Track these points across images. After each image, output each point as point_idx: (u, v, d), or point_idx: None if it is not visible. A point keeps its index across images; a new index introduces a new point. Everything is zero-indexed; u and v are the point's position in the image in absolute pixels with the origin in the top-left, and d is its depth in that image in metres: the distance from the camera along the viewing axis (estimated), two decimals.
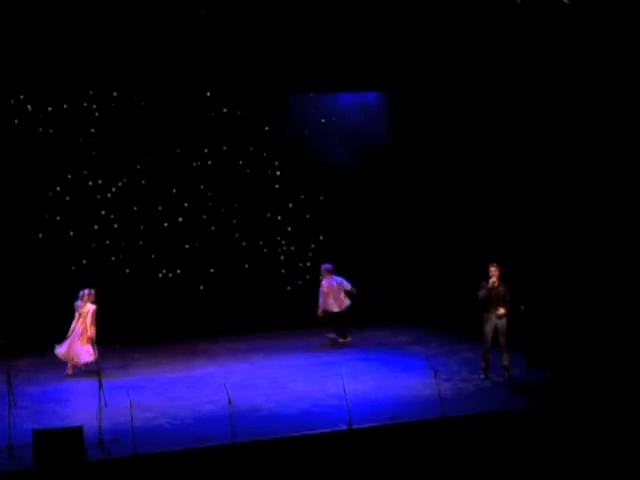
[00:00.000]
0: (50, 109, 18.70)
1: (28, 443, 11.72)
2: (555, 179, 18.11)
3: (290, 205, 20.51)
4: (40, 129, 18.66)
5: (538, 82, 18.03)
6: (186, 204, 19.76)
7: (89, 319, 16.10)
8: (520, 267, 17.65)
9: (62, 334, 18.20)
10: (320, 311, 18.33)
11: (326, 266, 18.49)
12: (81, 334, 16.13)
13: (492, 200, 19.43)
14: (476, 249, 18.86)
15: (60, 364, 17.17)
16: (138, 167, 19.38)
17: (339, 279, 18.45)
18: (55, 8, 16.67)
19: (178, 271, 19.60)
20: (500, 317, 15.09)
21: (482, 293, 15.14)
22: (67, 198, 18.95)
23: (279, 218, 20.48)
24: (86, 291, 16.27)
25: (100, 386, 12.71)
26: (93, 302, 16.23)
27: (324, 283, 18.37)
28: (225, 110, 19.92)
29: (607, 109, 17.11)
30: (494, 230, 19.08)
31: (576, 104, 17.52)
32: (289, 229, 20.59)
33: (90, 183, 19.09)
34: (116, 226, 19.31)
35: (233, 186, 20.08)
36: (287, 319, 19.88)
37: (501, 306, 15.09)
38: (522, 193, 18.76)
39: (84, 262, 19.05)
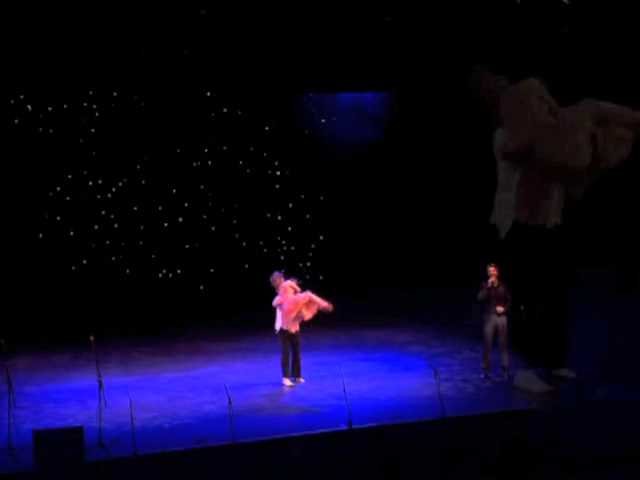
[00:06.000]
0: (50, 109, 18.71)
1: (28, 443, 11.72)
2: None
3: (290, 205, 20.51)
4: (40, 129, 18.67)
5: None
6: (186, 204, 19.77)
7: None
8: (520, 267, 17.62)
9: (61, 334, 18.27)
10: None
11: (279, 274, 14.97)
12: None
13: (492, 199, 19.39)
14: (477, 249, 18.82)
15: (59, 364, 17.15)
16: (138, 167, 19.39)
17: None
18: (55, 8, 16.65)
19: (178, 271, 19.60)
20: (500, 314, 15.10)
21: (482, 294, 15.16)
22: (67, 198, 18.95)
23: (279, 218, 20.48)
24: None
25: (100, 386, 12.70)
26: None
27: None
28: (225, 110, 19.93)
29: None
30: (494, 230, 19.03)
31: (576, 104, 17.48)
32: (289, 229, 20.59)
33: (90, 183, 19.11)
34: (116, 226, 19.31)
35: (233, 186, 20.09)
36: None
37: (501, 304, 15.11)
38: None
39: (84, 262, 19.06)
